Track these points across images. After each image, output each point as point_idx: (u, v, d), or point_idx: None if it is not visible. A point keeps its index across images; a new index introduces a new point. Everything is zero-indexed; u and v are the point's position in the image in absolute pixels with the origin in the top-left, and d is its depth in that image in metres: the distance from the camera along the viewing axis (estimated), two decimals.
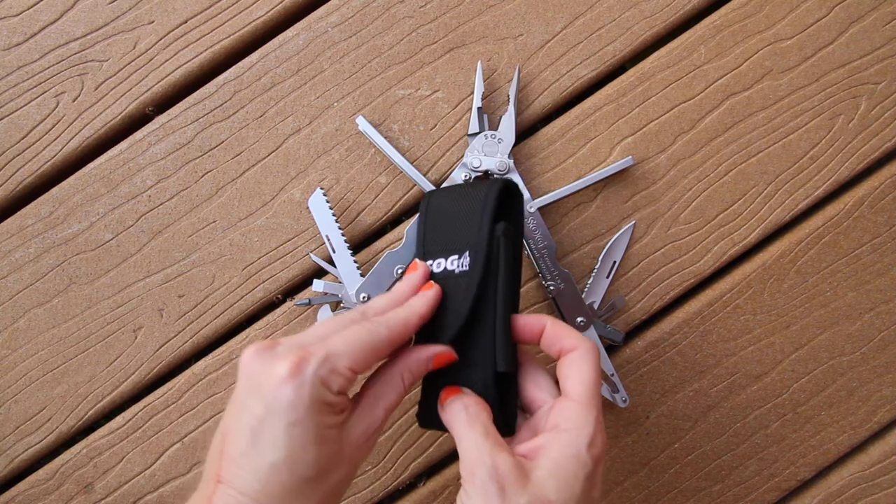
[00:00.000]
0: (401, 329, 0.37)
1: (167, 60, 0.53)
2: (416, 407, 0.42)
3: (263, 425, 0.32)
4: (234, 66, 0.53)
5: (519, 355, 0.40)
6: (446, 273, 0.41)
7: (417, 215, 0.47)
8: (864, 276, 0.54)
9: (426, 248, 0.44)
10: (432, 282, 0.41)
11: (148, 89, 0.53)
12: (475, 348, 0.39)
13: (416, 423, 0.43)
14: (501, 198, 0.42)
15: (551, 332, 0.38)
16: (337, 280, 0.51)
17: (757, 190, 0.53)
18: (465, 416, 0.36)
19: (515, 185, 0.44)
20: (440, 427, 0.39)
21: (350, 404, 0.36)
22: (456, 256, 0.41)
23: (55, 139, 0.53)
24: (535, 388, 0.39)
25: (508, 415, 0.39)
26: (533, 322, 0.39)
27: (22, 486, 0.52)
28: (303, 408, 0.31)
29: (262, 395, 0.32)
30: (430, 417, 0.40)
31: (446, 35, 0.53)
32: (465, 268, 0.40)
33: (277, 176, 0.53)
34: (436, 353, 0.38)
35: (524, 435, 0.38)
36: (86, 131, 0.53)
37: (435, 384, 0.40)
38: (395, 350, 0.38)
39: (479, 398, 0.37)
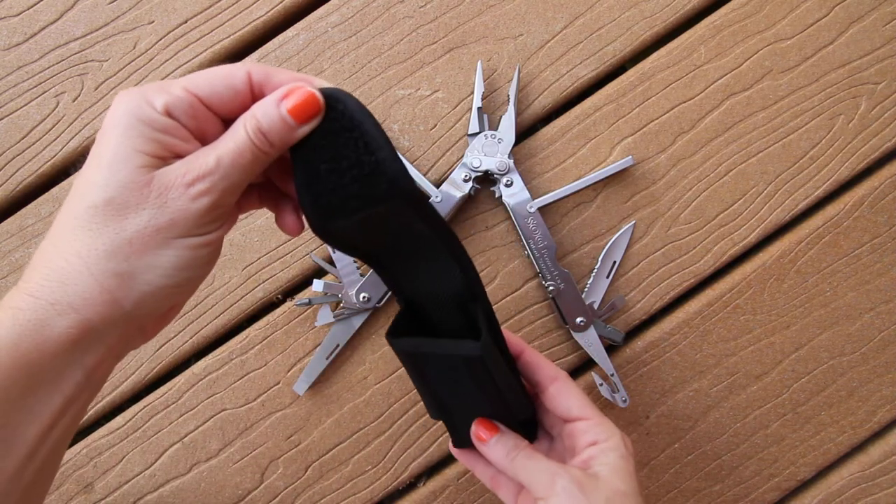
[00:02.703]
0: (260, 69, 0.30)
1: (167, 60, 0.53)
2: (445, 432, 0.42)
3: (88, 158, 0.28)
4: None
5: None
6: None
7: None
8: (864, 276, 0.54)
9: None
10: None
11: None
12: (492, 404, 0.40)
13: (416, 424, 0.43)
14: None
15: (530, 360, 0.43)
16: (337, 280, 0.51)
17: (757, 190, 0.53)
18: (523, 456, 0.39)
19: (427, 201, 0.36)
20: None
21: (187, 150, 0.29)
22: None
23: (55, 139, 0.53)
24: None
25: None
26: (513, 343, 0.43)
27: None
28: (118, 125, 0.27)
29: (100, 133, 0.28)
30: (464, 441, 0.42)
31: (446, 35, 0.53)
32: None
33: None
34: (287, 90, 0.29)
35: (554, 458, 0.41)
36: (86, 131, 0.53)
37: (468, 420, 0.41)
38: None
39: (518, 436, 0.41)
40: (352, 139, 0.30)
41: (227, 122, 0.30)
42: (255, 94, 0.30)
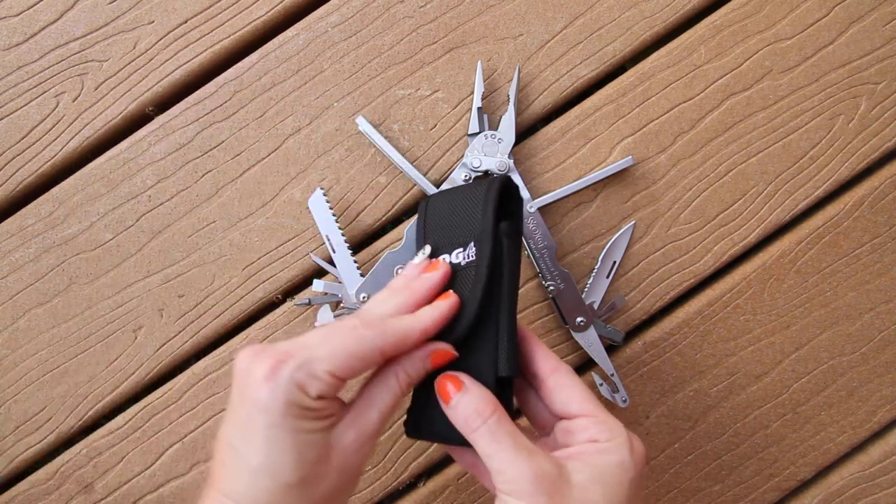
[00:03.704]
0: (396, 341, 0.34)
1: (167, 60, 0.53)
2: (405, 414, 0.40)
3: (247, 428, 0.31)
4: (234, 66, 0.53)
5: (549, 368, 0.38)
6: (452, 266, 0.39)
7: (416, 217, 0.46)
8: (864, 276, 0.54)
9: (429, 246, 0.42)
10: (451, 291, 0.37)
11: (148, 89, 0.53)
12: (476, 349, 0.37)
13: None
14: (503, 193, 0.40)
15: (529, 349, 0.38)
16: (337, 280, 0.51)
17: (757, 190, 0.53)
18: (486, 429, 0.33)
19: (515, 185, 0.43)
20: (431, 437, 0.38)
21: (340, 410, 0.34)
22: (460, 249, 0.39)
23: (55, 139, 0.53)
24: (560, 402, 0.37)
25: None
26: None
27: (22, 486, 0.52)
28: (277, 411, 0.31)
29: (245, 397, 0.32)
30: (418, 426, 0.39)
31: (446, 35, 0.53)
32: (471, 258, 0.38)
33: (277, 176, 0.53)
34: (433, 350, 0.35)
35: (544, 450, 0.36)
36: (86, 131, 0.53)
37: (427, 391, 0.38)
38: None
39: (487, 394, 0.35)
40: None
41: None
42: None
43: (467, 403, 0.34)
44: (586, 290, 0.52)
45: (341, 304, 0.51)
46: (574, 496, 0.31)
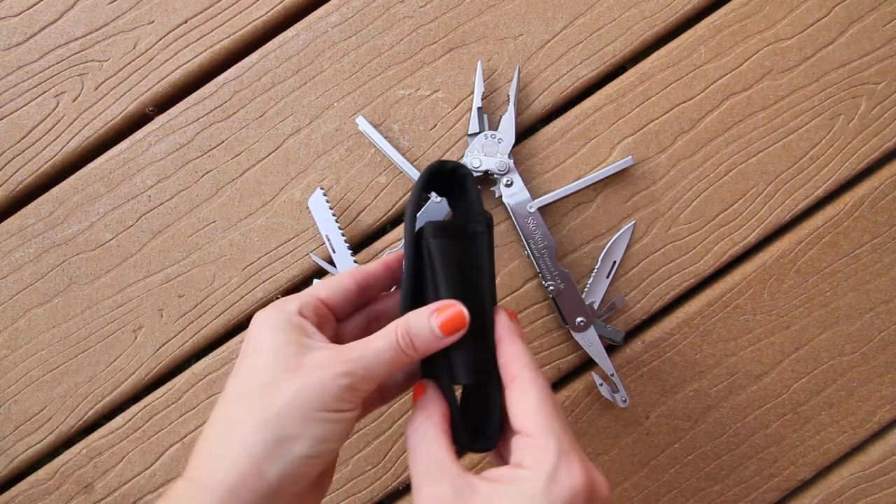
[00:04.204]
0: (362, 274, 0.38)
1: (167, 60, 0.53)
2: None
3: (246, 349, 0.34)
4: (234, 66, 0.53)
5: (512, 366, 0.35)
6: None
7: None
8: (864, 276, 0.54)
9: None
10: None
11: (148, 89, 0.53)
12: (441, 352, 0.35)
13: None
14: (431, 182, 0.38)
15: (504, 351, 0.36)
16: None
17: (757, 190, 0.53)
18: (418, 427, 0.33)
19: (457, 171, 0.38)
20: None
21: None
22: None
23: (55, 139, 0.53)
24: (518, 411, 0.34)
25: (480, 427, 0.36)
26: (498, 328, 0.37)
27: (22, 486, 0.52)
28: (265, 324, 0.34)
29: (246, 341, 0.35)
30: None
31: (446, 35, 0.53)
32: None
33: (277, 176, 0.53)
34: (440, 305, 0.34)
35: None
36: (86, 131, 0.53)
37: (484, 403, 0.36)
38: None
39: (438, 404, 0.34)
40: None
41: (339, 321, 0.38)
42: (362, 288, 0.38)
43: (422, 407, 0.35)
44: (586, 290, 0.52)
45: None
46: None
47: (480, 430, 0.36)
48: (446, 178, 0.39)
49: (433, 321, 0.33)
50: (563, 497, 0.28)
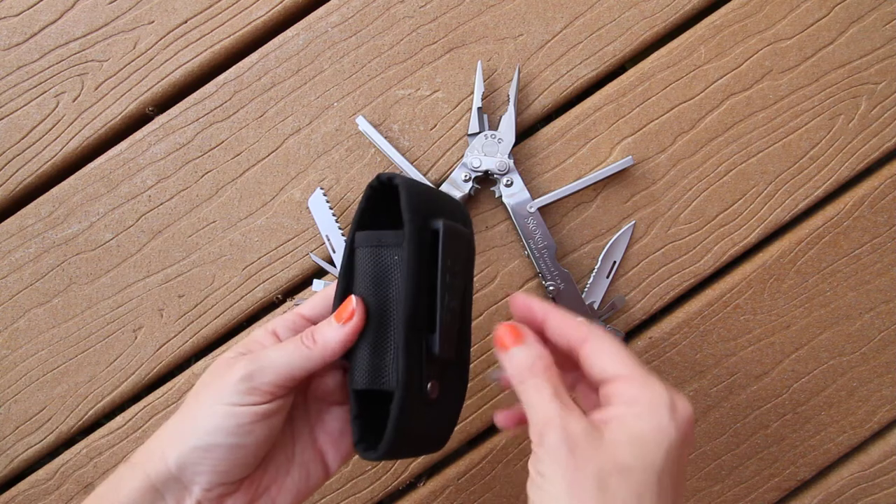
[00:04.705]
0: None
1: (167, 60, 0.53)
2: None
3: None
4: (234, 66, 0.53)
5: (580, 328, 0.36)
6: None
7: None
8: (864, 276, 0.54)
9: None
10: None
11: (148, 89, 0.53)
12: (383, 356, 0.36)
13: None
14: (375, 198, 0.38)
15: (556, 325, 0.37)
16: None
17: (757, 190, 0.53)
18: (533, 383, 0.34)
19: (401, 183, 0.36)
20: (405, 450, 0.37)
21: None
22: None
23: (55, 139, 0.53)
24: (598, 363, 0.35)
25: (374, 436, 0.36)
26: (535, 311, 0.38)
27: (22, 486, 0.52)
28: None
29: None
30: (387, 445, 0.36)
31: (446, 35, 0.53)
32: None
33: (277, 176, 0.53)
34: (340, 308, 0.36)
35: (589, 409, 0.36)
36: (86, 131, 0.53)
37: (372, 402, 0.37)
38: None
39: (544, 351, 0.35)
40: None
41: None
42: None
43: (525, 356, 0.35)
44: (586, 290, 0.52)
45: None
46: (601, 455, 0.30)
47: (373, 439, 0.36)
48: (391, 191, 0.37)
49: (332, 318, 0.36)
50: (682, 424, 0.31)
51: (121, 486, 0.33)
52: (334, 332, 0.35)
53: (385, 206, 0.38)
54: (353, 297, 0.36)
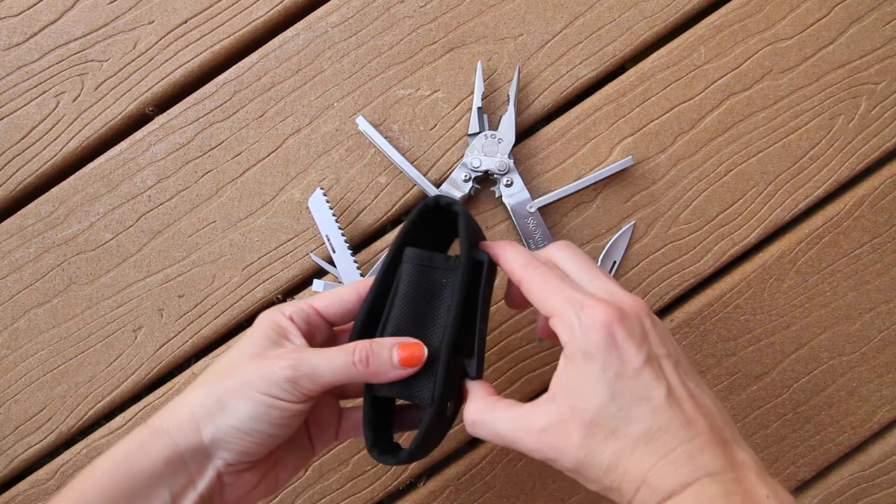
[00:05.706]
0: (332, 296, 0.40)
1: (167, 60, 0.53)
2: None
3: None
4: (234, 66, 0.53)
5: None
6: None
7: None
8: (864, 276, 0.54)
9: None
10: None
11: (148, 89, 0.53)
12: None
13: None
14: (423, 219, 0.39)
15: (506, 270, 0.38)
16: (337, 280, 0.51)
17: (757, 190, 0.53)
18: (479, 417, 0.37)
19: (450, 207, 0.39)
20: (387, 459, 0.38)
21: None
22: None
23: (55, 139, 0.53)
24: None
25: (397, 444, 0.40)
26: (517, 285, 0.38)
27: (22, 486, 0.52)
28: (261, 321, 0.38)
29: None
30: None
31: (446, 35, 0.53)
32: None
33: (277, 176, 0.53)
34: (402, 341, 0.37)
35: None
36: (86, 131, 0.53)
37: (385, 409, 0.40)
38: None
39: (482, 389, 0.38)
40: None
41: (339, 330, 0.42)
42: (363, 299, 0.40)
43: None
44: None
45: None
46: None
47: (385, 443, 0.40)
48: (440, 213, 0.40)
49: (395, 351, 0.36)
50: (596, 342, 0.32)
51: (146, 451, 0.34)
52: (393, 372, 0.36)
53: (426, 222, 0.40)
54: (425, 349, 0.37)
